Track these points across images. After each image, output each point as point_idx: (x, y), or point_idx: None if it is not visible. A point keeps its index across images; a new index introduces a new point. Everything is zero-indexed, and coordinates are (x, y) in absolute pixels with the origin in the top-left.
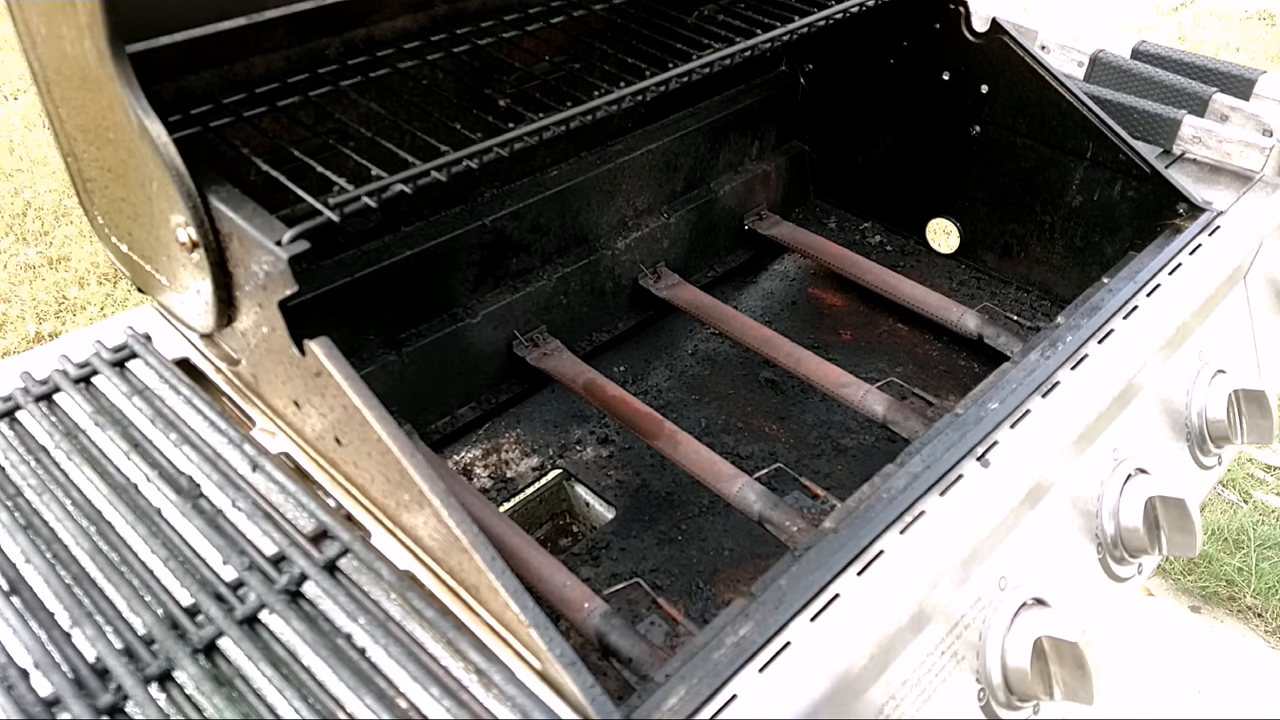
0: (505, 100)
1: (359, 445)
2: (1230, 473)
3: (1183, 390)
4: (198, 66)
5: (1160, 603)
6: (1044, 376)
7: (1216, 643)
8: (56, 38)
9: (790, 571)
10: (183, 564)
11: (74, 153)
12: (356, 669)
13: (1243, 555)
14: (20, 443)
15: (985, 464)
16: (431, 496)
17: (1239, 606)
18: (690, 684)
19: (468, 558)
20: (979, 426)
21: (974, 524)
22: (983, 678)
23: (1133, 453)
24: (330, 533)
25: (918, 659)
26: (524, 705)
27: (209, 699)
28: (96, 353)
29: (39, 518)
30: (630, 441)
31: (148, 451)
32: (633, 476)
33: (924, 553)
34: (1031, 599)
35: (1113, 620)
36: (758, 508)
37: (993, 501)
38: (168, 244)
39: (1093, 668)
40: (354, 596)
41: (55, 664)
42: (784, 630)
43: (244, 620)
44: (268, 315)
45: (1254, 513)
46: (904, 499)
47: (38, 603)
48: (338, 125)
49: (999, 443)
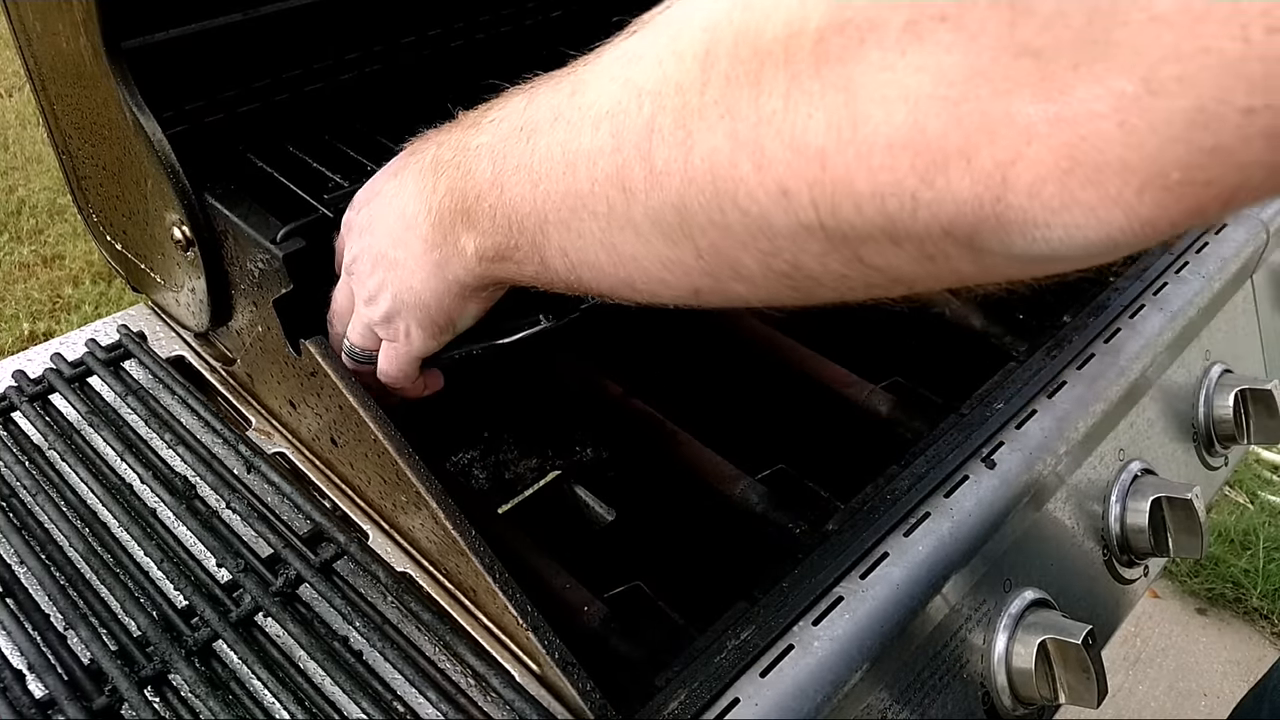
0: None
1: (355, 446)
2: (1237, 474)
3: (1189, 389)
4: (193, 63)
5: (1167, 605)
6: (1050, 376)
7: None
8: (52, 34)
9: (792, 573)
10: (177, 566)
11: (68, 150)
12: (353, 672)
13: (1250, 556)
14: (14, 443)
15: (990, 464)
16: (429, 498)
17: (1245, 608)
18: (690, 688)
19: (465, 560)
20: (984, 427)
21: (978, 525)
22: (987, 680)
23: (1139, 453)
24: (326, 534)
25: (922, 661)
26: (522, 709)
27: (204, 702)
28: (90, 352)
29: (33, 519)
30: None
31: (142, 452)
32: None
33: (928, 554)
34: (1036, 601)
35: (1119, 623)
36: (760, 508)
37: (997, 502)
38: (162, 242)
39: (1098, 671)
40: (350, 599)
41: (50, 666)
42: (786, 633)
43: (239, 623)
44: (263, 314)
45: (1261, 513)
46: (908, 500)
47: (32, 604)
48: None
49: (1004, 443)
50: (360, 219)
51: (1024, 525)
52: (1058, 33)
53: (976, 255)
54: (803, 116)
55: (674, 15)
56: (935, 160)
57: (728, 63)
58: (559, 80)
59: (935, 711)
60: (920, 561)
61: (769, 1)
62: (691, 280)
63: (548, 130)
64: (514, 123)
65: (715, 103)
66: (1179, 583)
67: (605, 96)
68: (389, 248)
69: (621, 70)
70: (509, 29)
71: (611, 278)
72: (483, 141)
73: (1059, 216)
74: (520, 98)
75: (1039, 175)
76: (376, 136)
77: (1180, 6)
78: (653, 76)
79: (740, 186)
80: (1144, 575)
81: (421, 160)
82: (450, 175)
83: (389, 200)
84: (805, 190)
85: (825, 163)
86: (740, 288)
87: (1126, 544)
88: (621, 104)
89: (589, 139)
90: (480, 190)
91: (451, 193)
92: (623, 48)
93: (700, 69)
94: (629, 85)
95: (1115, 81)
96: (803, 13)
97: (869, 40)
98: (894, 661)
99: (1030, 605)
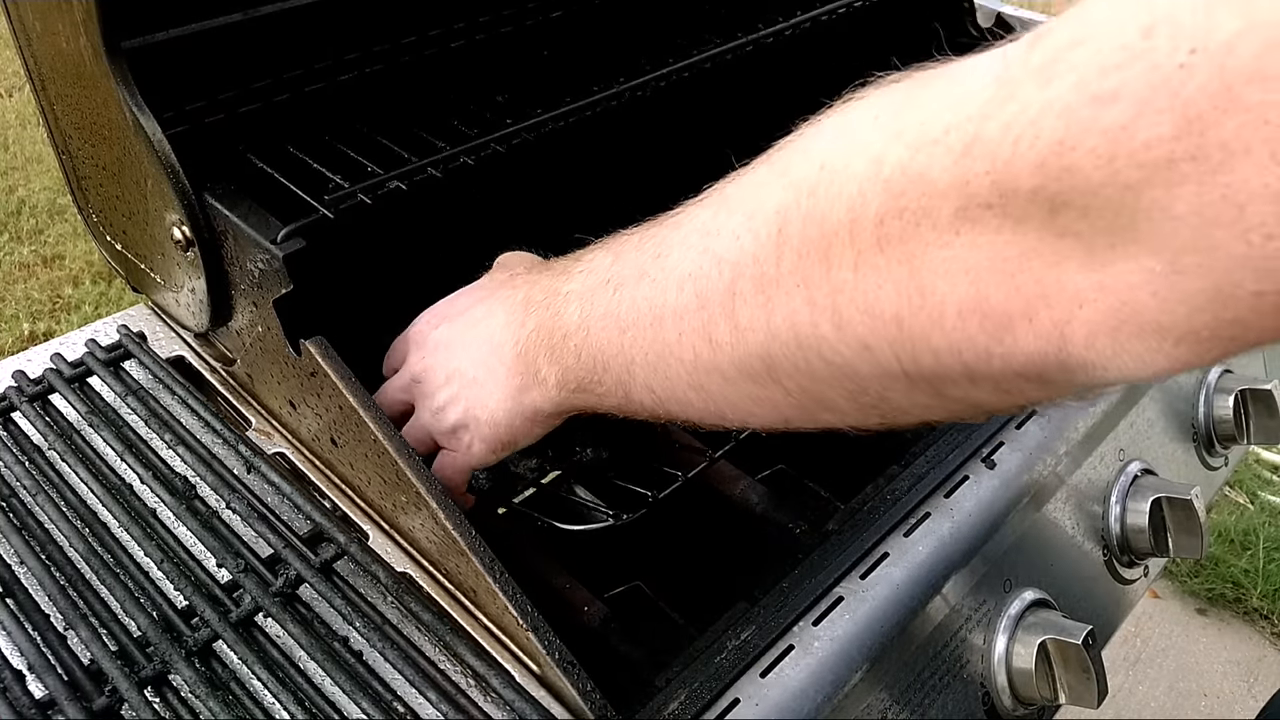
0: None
1: (355, 446)
2: (1237, 474)
3: (1189, 389)
4: (193, 63)
5: (1167, 605)
6: None
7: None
8: (52, 34)
9: (792, 574)
10: (177, 566)
11: (68, 150)
12: (353, 673)
13: (1250, 556)
14: (14, 443)
15: (990, 464)
16: (429, 498)
17: (1245, 608)
18: (691, 688)
19: (466, 560)
20: (984, 427)
21: (978, 525)
22: (987, 680)
23: (1139, 453)
24: (326, 535)
25: (922, 662)
26: (522, 709)
27: (204, 703)
28: (90, 352)
29: (33, 519)
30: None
31: (142, 452)
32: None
33: (928, 554)
34: (1036, 601)
35: (1119, 623)
36: (760, 508)
37: (997, 503)
38: (162, 242)
39: (1098, 671)
40: (350, 599)
41: (50, 666)
42: (786, 633)
43: (239, 623)
44: (263, 314)
45: (1261, 513)
46: (908, 500)
47: (32, 604)
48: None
49: (1004, 443)
50: (439, 335)
51: (1024, 525)
52: (1093, 221)
53: (1046, 387)
54: (873, 286)
55: (746, 196)
56: (1001, 323)
57: (799, 240)
58: (641, 240)
59: (935, 712)
60: (920, 562)
61: (832, 190)
62: (781, 413)
63: (633, 285)
64: (601, 276)
65: (790, 273)
66: (1179, 583)
67: (687, 261)
68: (469, 366)
69: (700, 240)
70: (509, 29)
71: (700, 411)
72: (572, 289)
73: (1113, 361)
74: (606, 254)
75: (1091, 332)
76: (377, 137)
77: (1193, 211)
78: (731, 248)
79: (823, 343)
80: (1144, 575)
81: (514, 296)
82: (539, 314)
83: (476, 324)
84: (886, 346)
85: (901, 325)
86: (829, 417)
87: (1126, 544)
88: (703, 269)
89: (674, 297)
90: (567, 330)
91: (540, 329)
92: (701, 220)
93: (774, 245)
94: (709, 253)
95: (1146, 261)
96: (862, 200)
97: (924, 224)
98: (894, 662)
99: (1030, 605)
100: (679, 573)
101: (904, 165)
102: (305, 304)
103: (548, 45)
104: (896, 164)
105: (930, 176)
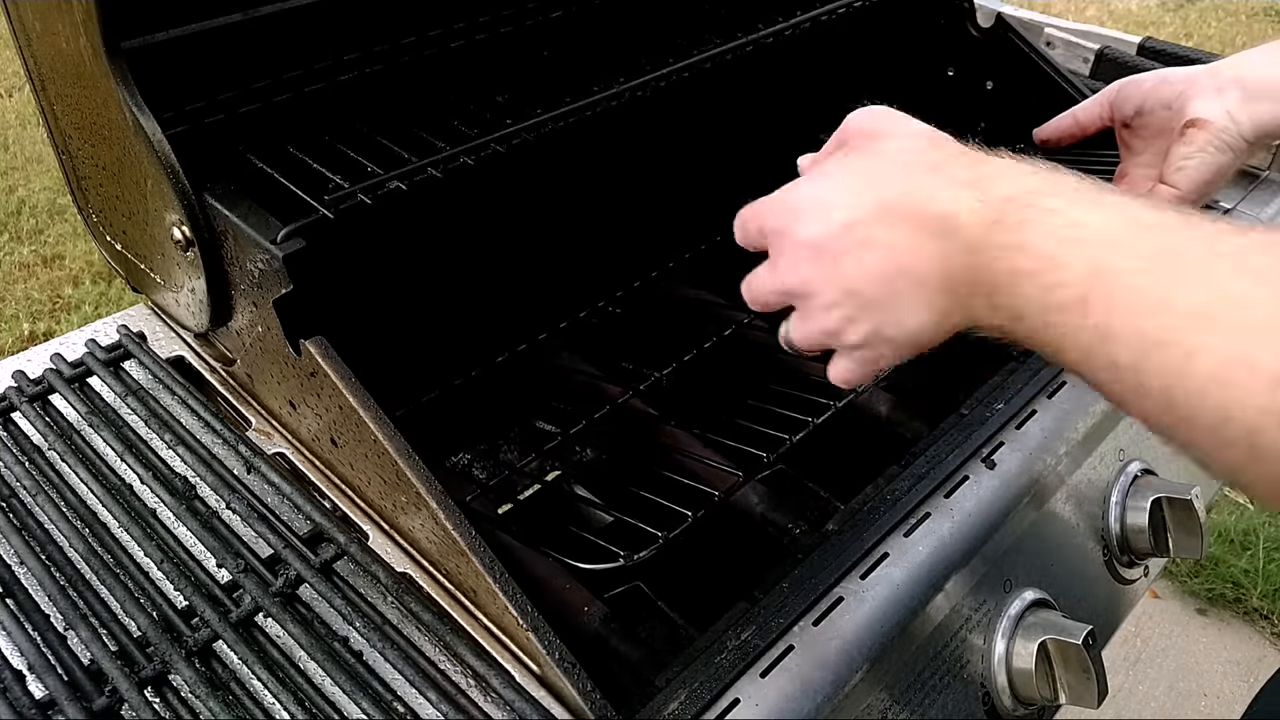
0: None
1: (355, 446)
2: None
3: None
4: (193, 63)
5: (1167, 605)
6: (1050, 376)
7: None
8: (52, 34)
9: (792, 574)
10: (177, 566)
11: (68, 150)
12: (353, 673)
13: (1250, 556)
14: (14, 443)
15: (990, 464)
16: (429, 498)
17: (1245, 608)
18: (691, 688)
19: (466, 560)
20: (984, 427)
21: (978, 525)
22: (987, 680)
23: (1139, 453)
24: (326, 535)
25: (922, 662)
26: (522, 709)
27: (204, 703)
28: (90, 352)
29: (33, 519)
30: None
31: (142, 453)
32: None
33: (928, 555)
34: (1036, 601)
35: (1119, 623)
36: (759, 509)
37: (997, 503)
38: (162, 242)
39: (1098, 671)
40: (350, 600)
41: (50, 666)
42: (786, 634)
43: (239, 623)
44: (263, 314)
45: (1261, 513)
46: (908, 500)
47: (33, 605)
48: (335, 122)
49: (1004, 443)
50: (840, 245)
51: (1024, 525)
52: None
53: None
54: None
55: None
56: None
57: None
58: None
59: (935, 712)
60: (920, 562)
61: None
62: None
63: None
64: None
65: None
66: (1179, 583)
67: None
68: (872, 287)
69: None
70: (509, 29)
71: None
72: (1087, 235)
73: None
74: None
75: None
76: (377, 137)
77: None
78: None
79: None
80: (1144, 575)
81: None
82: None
83: (887, 249)
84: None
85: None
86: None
87: (1126, 544)
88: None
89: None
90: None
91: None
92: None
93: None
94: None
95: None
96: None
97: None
98: (894, 662)
99: (1030, 605)
100: (679, 573)
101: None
102: (305, 304)
103: (548, 45)
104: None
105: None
